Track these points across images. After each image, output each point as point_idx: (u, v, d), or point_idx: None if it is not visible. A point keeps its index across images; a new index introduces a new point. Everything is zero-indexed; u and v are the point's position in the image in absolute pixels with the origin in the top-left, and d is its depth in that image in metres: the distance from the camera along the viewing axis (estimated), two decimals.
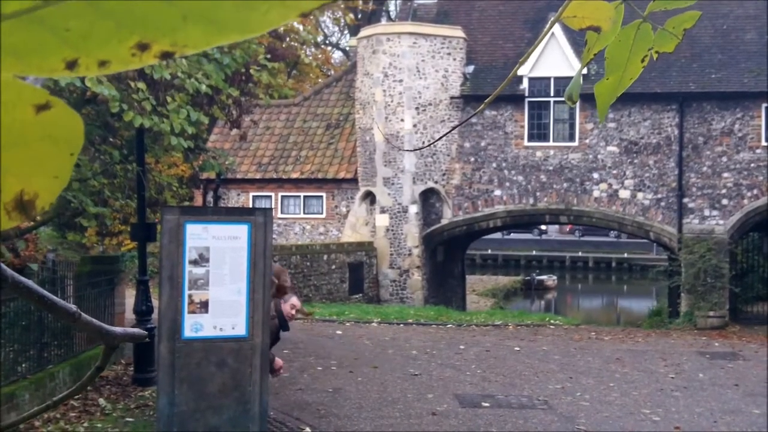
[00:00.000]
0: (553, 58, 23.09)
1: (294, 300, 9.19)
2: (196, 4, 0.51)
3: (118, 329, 0.99)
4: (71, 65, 0.52)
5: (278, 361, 9.15)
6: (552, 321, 21.94)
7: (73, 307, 0.89)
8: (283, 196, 26.04)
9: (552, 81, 23.57)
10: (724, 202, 22.54)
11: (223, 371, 8.20)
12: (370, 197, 24.61)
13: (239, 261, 8.24)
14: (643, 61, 1.34)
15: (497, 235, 46.43)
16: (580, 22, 1.21)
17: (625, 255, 56.22)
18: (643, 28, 1.33)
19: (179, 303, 8.07)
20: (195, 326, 8.12)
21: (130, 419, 10.31)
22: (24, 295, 0.80)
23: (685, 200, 22.75)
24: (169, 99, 11.59)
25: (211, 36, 0.52)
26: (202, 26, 0.51)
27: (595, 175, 23.38)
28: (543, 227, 60.60)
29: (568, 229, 64.43)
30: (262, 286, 8.30)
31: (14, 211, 0.55)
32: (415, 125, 23.63)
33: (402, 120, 23.63)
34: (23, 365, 10.79)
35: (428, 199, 24.21)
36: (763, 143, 22.33)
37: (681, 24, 1.35)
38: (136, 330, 1.04)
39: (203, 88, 11.79)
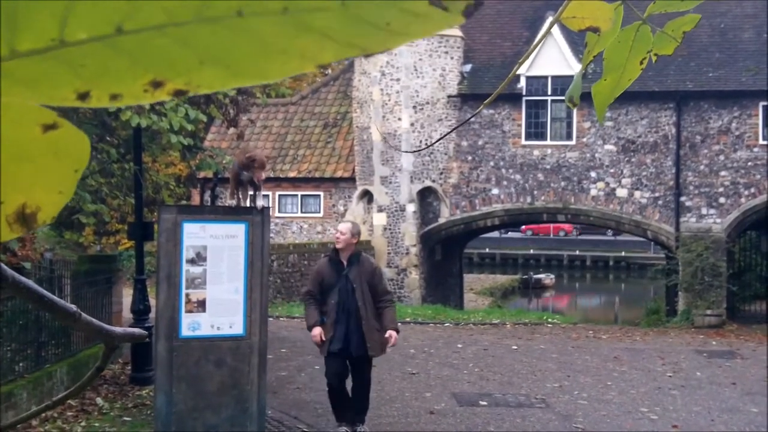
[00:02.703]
0: (550, 57, 23.09)
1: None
2: (213, 49, 0.51)
3: (118, 329, 0.99)
4: (83, 96, 0.52)
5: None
6: (550, 320, 21.96)
7: (72, 307, 0.89)
8: (280, 195, 26.02)
9: (549, 80, 23.57)
10: (722, 200, 22.55)
11: (221, 370, 8.20)
12: (367, 196, 24.61)
13: (237, 260, 8.23)
14: (641, 62, 1.34)
15: (495, 234, 46.46)
16: (579, 22, 1.21)
17: (623, 253, 56.26)
18: (643, 30, 1.33)
19: (176, 302, 8.07)
20: (192, 325, 8.12)
21: (128, 418, 10.30)
22: (24, 295, 0.80)
23: (683, 199, 22.76)
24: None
25: (226, 79, 0.52)
26: (218, 70, 0.51)
27: (593, 174, 23.39)
28: None
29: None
30: (259, 285, 8.30)
31: (15, 223, 0.55)
32: (412, 124, 23.63)
33: (399, 119, 23.63)
34: (21, 364, 10.77)
35: (426, 197, 24.21)
36: (761, 142, 22.34)
37: (680, 27, 1.35)
38: (137, 330, 1.04)
39: None
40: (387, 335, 8.92)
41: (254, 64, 0.51)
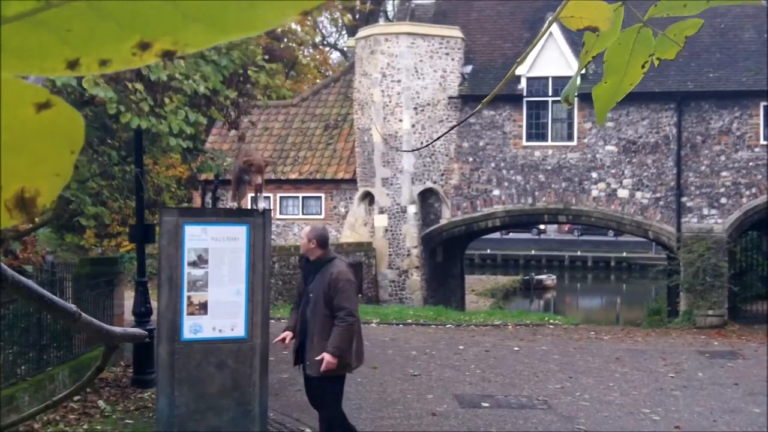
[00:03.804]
0: (551, 58, 23.09)
1: None
2: (197, 4, 0.51)
3: (117, 329, 0.99)
4: (72, 65, 0.52)
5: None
6: (551, 321, 21.95)
7: (72, 307, 0.89)
8: (281, 197, 26.03)
9: (550, 80, 23.56)
10: (723, 200, 22.54)
11: (222, 372, 8.20)
12: (368, 197, 24.61)
13: (238, 262, 8.24)
14: (643, 66, 1.33)
15: (496, 235, 46.45)
16: (578, 22, 1.21)
17: (624, 254, 56.24)
18: (644, 33, 1.32)
19: (178, 304, 8.07)
20: (194, 328, 8.12)
21: (130, 421, 10.30)
22: (23, 295, 0.80)
23: (684, 199, 22.76)
24: (166, 100, 11.58)
25: (212, 35, 0.52)
26: (203, 25, 0.51)
27: (594, 175, 23.38)
28: (542, 227, 60.64)
29: (566, 229, 64.45)
30: (261, 287, 8.30)
31: (15, 209, 0.55)
32: (413, 125, 23.63)
33: (400, 120, 23.63)
34: (23, 367, 10.78)
35: (427, 199, 24.20)
36: (762, 142, 22.34)
37: (683, 31, 1.35)
38: (136, 330, 1.04)
39: (201, 89, 11.78)
40: (319, 357, 7.81)
41: (238, 15, 0.51)
